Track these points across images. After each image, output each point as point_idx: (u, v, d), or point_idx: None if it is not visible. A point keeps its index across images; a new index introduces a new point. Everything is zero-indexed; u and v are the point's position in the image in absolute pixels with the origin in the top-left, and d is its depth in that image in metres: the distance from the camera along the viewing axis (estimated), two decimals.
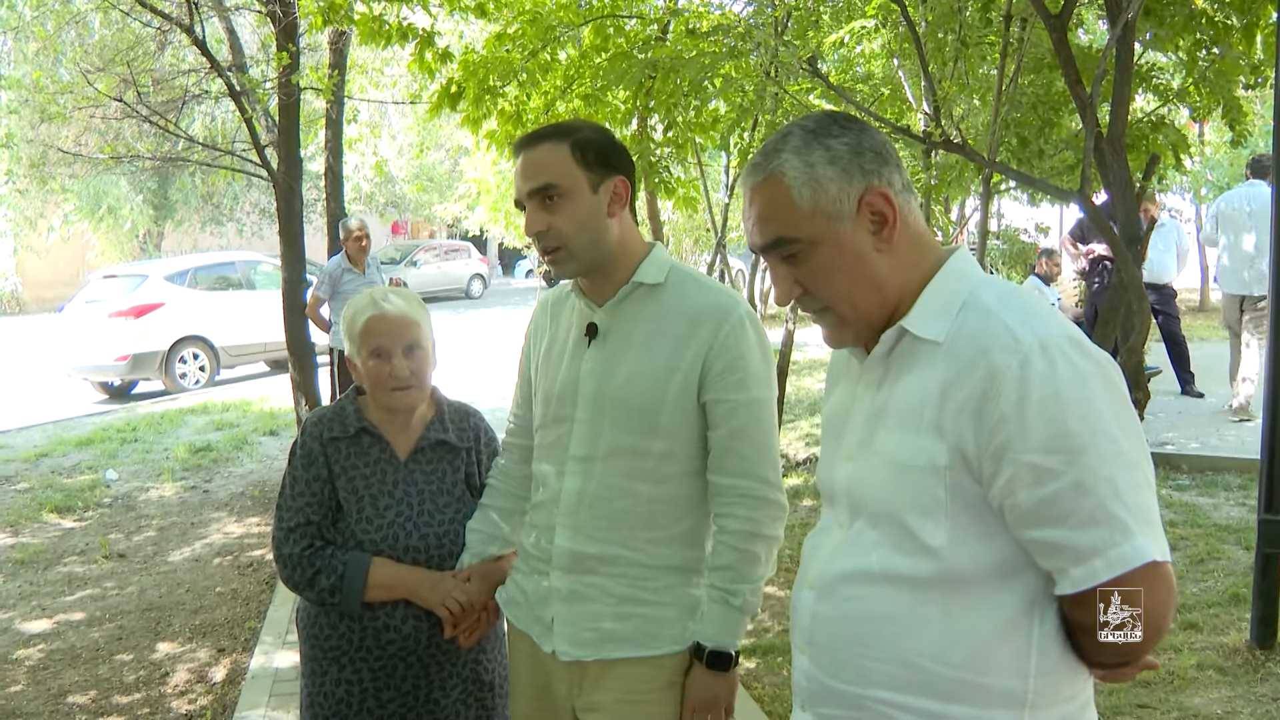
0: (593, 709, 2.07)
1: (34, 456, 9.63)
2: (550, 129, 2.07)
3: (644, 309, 2.05)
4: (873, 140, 1.45)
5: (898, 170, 1.46)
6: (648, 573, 2.03)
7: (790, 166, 1.44)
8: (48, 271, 26.66)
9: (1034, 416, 1.29)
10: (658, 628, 2.03)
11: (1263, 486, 4.24)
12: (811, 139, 1.44)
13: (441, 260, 27.66)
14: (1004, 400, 1.30)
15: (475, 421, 2.57)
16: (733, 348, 1.99)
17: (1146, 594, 1.29)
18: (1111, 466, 1.28)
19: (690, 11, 7.60)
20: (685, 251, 18.59)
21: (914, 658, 1.40)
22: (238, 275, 15.31)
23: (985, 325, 1.37)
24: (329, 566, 2.32)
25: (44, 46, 12.80)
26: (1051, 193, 5.58)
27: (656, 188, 8.14)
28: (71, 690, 4.59)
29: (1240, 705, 3.85)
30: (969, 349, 1.36)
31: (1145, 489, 1.32)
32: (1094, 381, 1.30)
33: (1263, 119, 12.12)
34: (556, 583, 2.09)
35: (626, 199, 2.05)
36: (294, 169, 8.27)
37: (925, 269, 1.47)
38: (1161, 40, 5.30)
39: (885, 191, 1.43)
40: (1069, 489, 1.28)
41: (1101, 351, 1.36)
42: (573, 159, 2.00)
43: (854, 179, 1.42)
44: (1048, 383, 1.29)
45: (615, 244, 2.05)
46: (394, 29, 6.39)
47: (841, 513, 1.54)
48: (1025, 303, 1.40)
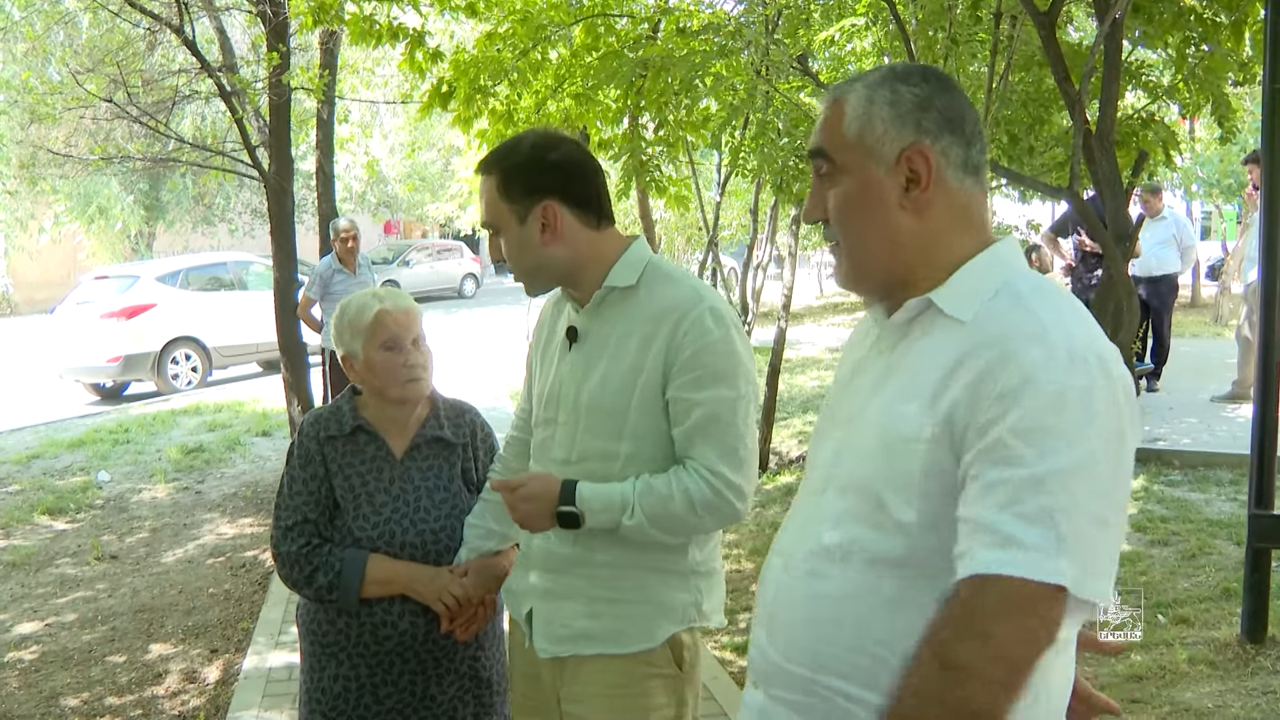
0: (574, 699, 2.11)
1: (25, 458, 9.60)
2: (491, 155, 2.09)
3: (619, 311, 2.05)
4: (949, 104, 1.41)
5: (965, 144, 1.41)
6: (619, 573, 2.04)
7: (855, 96, 1.42)
8: (39, 273, 26.58)
9: (1029, 402, 1.23)
10: (629, 625, 2.04)
11: (1253, 482, 4.27)
12: (888, 79, 1.42)
13: (434, 260, 27.62)
14: (1007, 378, 1.25)
15: (471, 418, 2.58)
16: (691, 343, 1.96)
17: (1027, 617, 1.18)
18: (1081, 484, 1.21)
19: (681, 10, 7.60)
20: (678, 250, 18.58)
21: (869, 644, 1.35)
22: (229, 276, 15.29)
23: (1015, 313, 1.32)
24: (326, 564, 2.33)
25: (33, 47, 12.75)
26: (1041, 190, 5.60)
27: (648, 186, 8.14)
28: (63, 692, 4.58)
29: (1231, 699, 3.87)
30: (992, 330, 1.31)
31: (1100, 525, 1.22)
32: (1103, 399, 1.24)
33: (1253, 115, 12.15)
34: (535, 581, 2.13)
35: (558, 222, 2.02)
36: (285, 169, 8.26)
37: (962, 250, 1.41)
38: (1150, 37, 5.31)
39: (929, 153, 1.38)
40: (1029, 480, 1.20)
41: (1127, 378, 1.29)
42: (498, 195, 2.04)
43: (905, 129, 1.39)
44: (1057, 380, 1.23)
45: (568, 261, 2.05)
46: (384, 29, 6.39)
47: (817, 479, 1.50)
48: (1064, 303, 1.34)
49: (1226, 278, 13.71)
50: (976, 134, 1.42)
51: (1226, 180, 15.99)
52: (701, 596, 2.10)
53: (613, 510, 1.97)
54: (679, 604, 2.06)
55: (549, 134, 2.12)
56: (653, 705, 2.06)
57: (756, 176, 8.27)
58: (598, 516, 1.98)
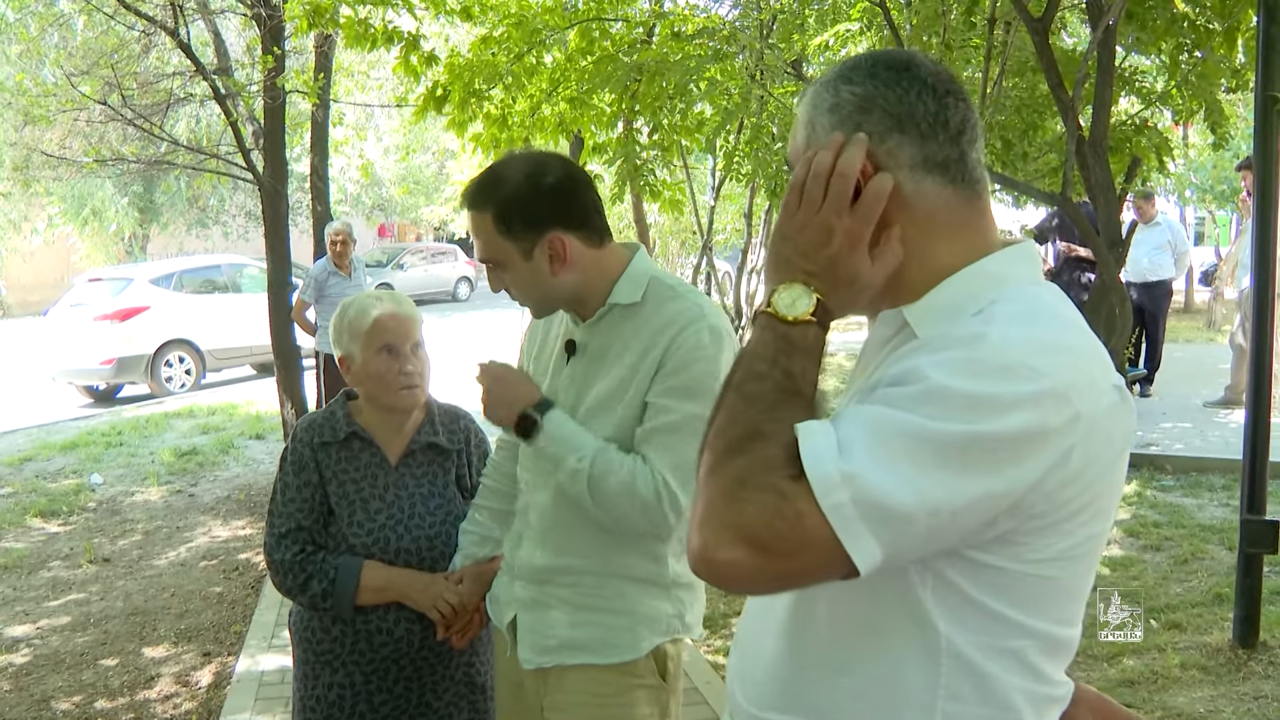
0: (556, 709, 2.10)
1: (18, 461, 9.57)
2: (476, 190, 2.00)
3: (621, 326, 2.03)
4: (897, 99, 1.22)
5: (919, 140, 1.22)
6: (603, 581, 2.03)
7: (804, 101, 1.31)
8: (32, 275, 26.50)
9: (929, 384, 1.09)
10: (613, 635, 2.03)
11: (1245, 487, 4.28)
12: (835, 79, 1.27)
13: (428, 263, 27.60)
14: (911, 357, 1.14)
15: (465, 423, 2.57)
16: (683, 355, 1.93)
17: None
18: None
19: (675, 14, 7.62)
20: (672, 254, 18.58)
21: (800, 669, 1.26)
22: (224, 278, 15.25)
23: (971, 329, 1.15)
24: (321, 571, 2.32)
25: (27, 49, 12.71)
26: (1034, 195, 5.61)
27: (642, 191, 8.15)
28: (55, 695, 4.56)
29: (1223, 704, 3.88)
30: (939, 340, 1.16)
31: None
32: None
33: (1246, 121, 12.20)
34: (520, 592, 2.12)
35: (566, 252, 1.97)
36: (280, 172, 8.25)
37: (943, 260, 1.23)
38: (1144, 43, 5.35)
39: (876, 155, 1.22)
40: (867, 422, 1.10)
41: (1107, 422, 1.13)
42: (497, 232, 1.96)
43: (846, 133, 1.23)
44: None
45: (577, 285, 2.01)
46: (379, 32, 6.39)
47: None
48: (1053, 331, 1.16)
49: (1220, 283, 13.75)
50: (939, 125, 1.22)
51: (1220, 186, 16.04)
52: (684, 608, 2.09)
53: (568, 445, 1.95)
54: (662, 615, 2.05)
55: (535, 158, 2.07)
56: (637, 716, 2.06)
57: (750, 180, 8.29)
58: (552, 440, 1.97)
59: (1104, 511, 1.19)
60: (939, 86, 1.24)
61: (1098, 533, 1.19)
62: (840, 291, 1.20)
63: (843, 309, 1.22)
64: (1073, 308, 1.24)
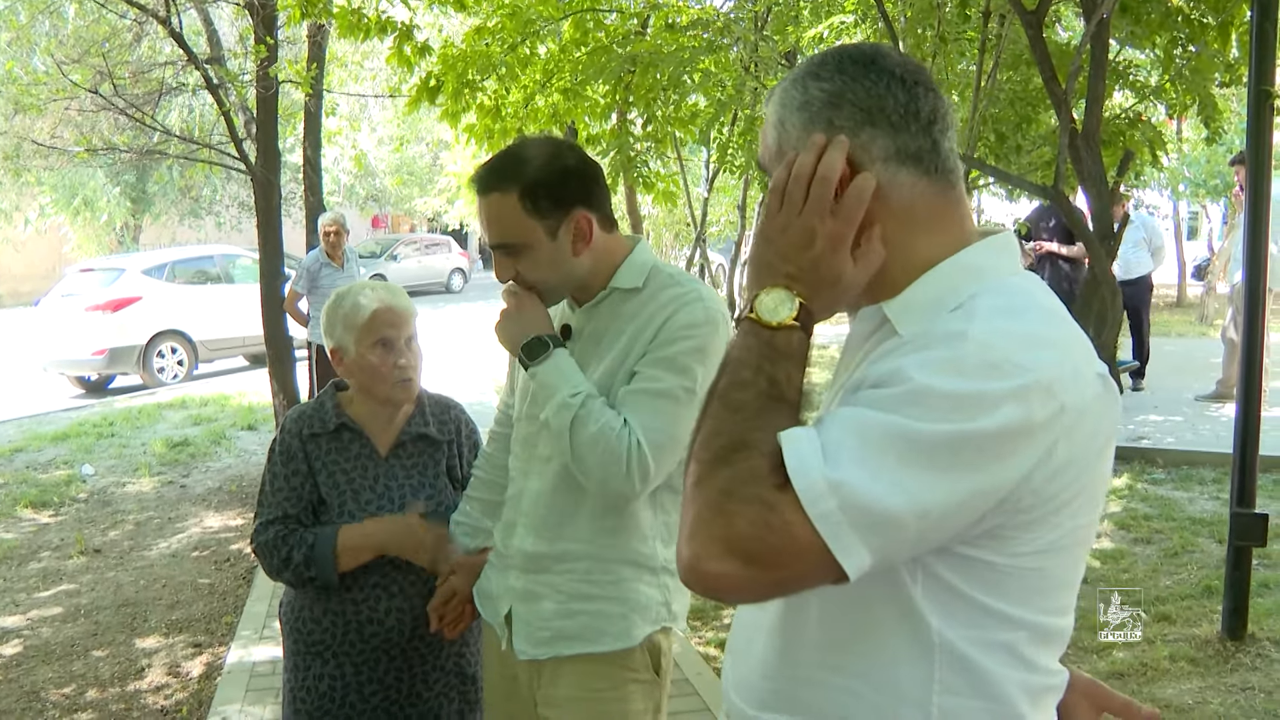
0: (550, 703, 2.09)
1: (9, 451, 9.54)
2: (496, 172, 1.98)
3: (619, 311, 2.03)
4: (866, 92, 1.21)
5: (891, 132, 1.21)
6: (595, 566, 2.03)
7: (771, 105, 1.29)
8: (23, 265, 26.43)
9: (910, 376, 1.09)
10: (605, 623, 2.03)
11: (1235, 480, 4.30)
12: (803, 76, 1.26)
13: (422, 254, 27.59)
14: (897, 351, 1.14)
15: (456, 414, 2.57)
16: (676, 325, 1.93)
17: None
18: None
19: (670, 6, 7.60)
20: (665, 246, 18.59)
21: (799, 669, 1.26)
22: (216, 269, 15.22)
23: (952, 325, 1.14)
24: (300, 542, 2.32)
25: (17, 37, 12.67)
26: (1027, 188, 5.61)
27: (636, 182, 8.15)
28: (45, 686, 4.56)
29: (1210, 695, 3.90)
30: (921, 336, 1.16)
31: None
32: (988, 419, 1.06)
33: (1239, 116, 12.23)
34: (514, 582, 2.11)
35: (591, 230, 1.98)
36: (272, 162, 8.23)
37: (923, 253, 1.22)
38: (1138, 37, 5.34)
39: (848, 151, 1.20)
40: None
41: (1063, 398, 1.10)
42: (523, 210, 1.94)
43: (817, 130, 1.22)
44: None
45: (589, 268, 2.01)
46: (373, 22, 6.36)
47: None
48: (1035, 323, 1.15)
49: (1212, 278, 13.80)
50: (910, 116, 1.21)
51: (1213, 180, 16.07)
52: (670, 595, 2.09)
53: (567, 379, 1.95)
54: (650, 602, 2.06)
55: (552, 140, 2.09)
56: (631, 711, 2.06)
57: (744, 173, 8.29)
58: (556, 370, 1.97)
59: (1092, 501, 1.19)
60: (907, 77, 1.23)
61: (1086, 523, 1.19)
62: (823, 294, 1.19)
63: (825, 311, 1.22)
64: (1054, 297, 1.23)
